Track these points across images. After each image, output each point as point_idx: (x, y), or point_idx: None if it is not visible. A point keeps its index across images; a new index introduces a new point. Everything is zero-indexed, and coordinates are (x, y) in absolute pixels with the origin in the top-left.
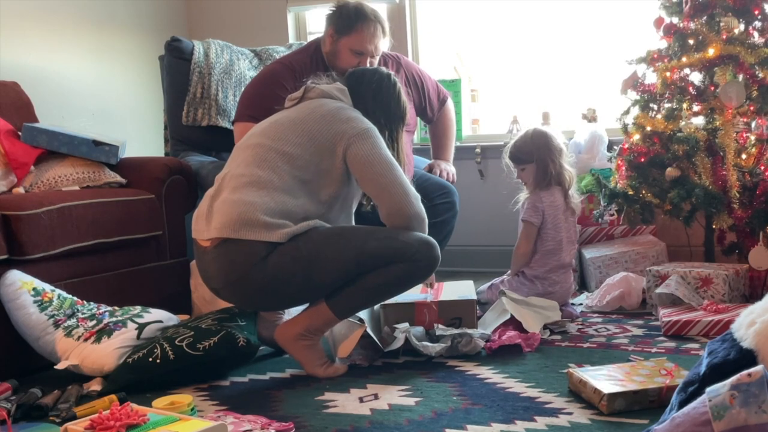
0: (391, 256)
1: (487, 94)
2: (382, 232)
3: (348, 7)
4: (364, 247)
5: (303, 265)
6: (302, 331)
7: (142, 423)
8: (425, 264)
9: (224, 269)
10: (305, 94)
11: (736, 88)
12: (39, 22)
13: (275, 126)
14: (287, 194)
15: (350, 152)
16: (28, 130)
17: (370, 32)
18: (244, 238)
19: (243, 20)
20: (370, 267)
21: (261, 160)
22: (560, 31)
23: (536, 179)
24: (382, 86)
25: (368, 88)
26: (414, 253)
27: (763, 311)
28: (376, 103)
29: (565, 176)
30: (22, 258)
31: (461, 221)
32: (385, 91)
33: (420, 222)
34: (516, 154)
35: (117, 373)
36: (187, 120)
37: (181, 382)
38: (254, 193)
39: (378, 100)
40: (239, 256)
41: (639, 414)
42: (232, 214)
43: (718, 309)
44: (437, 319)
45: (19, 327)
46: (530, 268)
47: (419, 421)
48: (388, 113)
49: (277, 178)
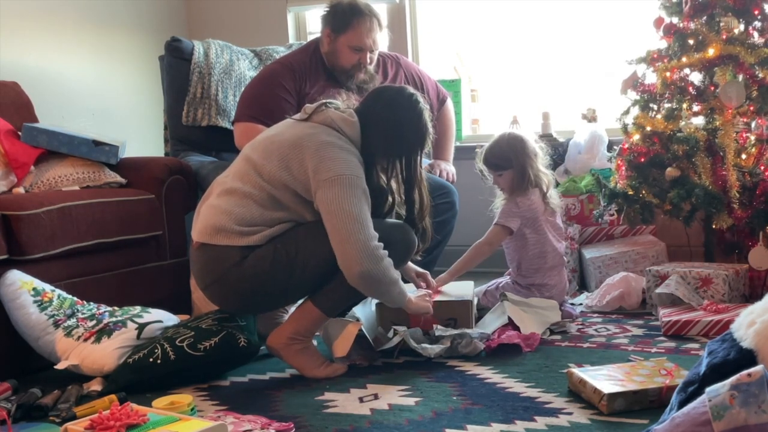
0: None
1: (487, 94)
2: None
3: (342, 5)
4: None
5: (282, 265)
6: (292, 335)
7: (142, 423)
8: (401, 247)
9: (201, 272)
10: (313, 113)
11: (736, 88)
12: (39, 22)
13: (269, 143)
14: (264, 208)
15: (317, 196)
16: (28, 130)
17: (366, 27)
18: (217, 243)
19: (243, 20)
20: None
21: (245, 173)
22: (560, 31)
23: (514, 184)
24: (398, 114)
25: (382, 118)
26: (388, 238)
27: (763, 311)
28: (387, 134)
29: (542, 179)
30: (22, 258)
31: (461, 221)
32: (400, 120)
33: (369, 283)
34: (492, 160)
35: (117, 374)
36: (187, 120)
37: (181, 382)
38: (233, 202)
39: (390, 131)
40: (211, 260)
41: (639, 414)
42: (209, 220)
43: (718, 309)
44: (433, 319)
45: (19, 327)
46: (523, 277)
47: (419, 421)
48: (401, 142)
49: (257, 192)
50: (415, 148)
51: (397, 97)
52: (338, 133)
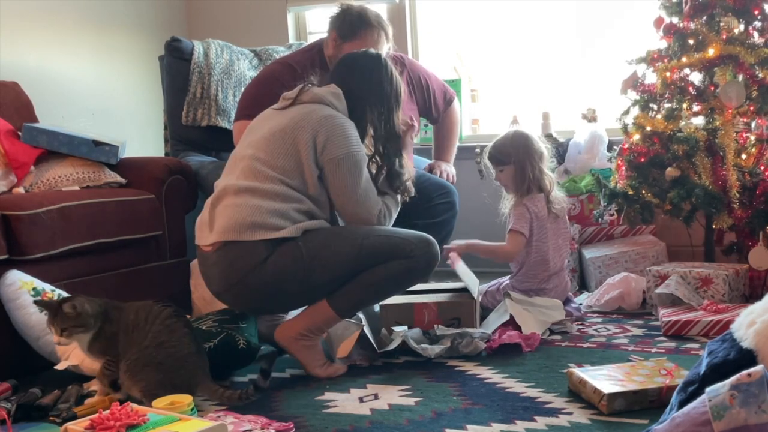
0: (389, 253)
1: (487, 94)
2: (381, 230)
3: (352, 13)
4: (363, 243)
5: (303, 265)
6: (303, 331)
7: (142, 423)
8: (423, 261)
9: (225, 271)
10: (299, 96)
11: (736, 88)
12: (39, 22)
13: (266, 140)
14: (286, 201)
15: (325, 170)
16: (28, 130)
17: (373, 39)
18: (248, 239)
19: (243, 20)
20: (370, 264)
21: (257, 171)
22: (560, 31)
23: (515, 181)
24: (373, 72)
25: (359, 79)
26: (412, 249)
27: (763, 311)
28: (368, 91)
29: (545, 181)
30: (22, 258)
31: (461, 221)
32: (376, 76)
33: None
34: (495, 154)
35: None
36: (186, 120)
37: None
38: (258, 197)
39: (368, 88)
40: (239, 258)
41: (639, 414)
42: (238, 216)
43: (718, 309)
44: (436, 320)
45: (19, 327)
46: (521, 282)
47: (419, 421)
48: (380, 96)
49: (277, 187)
50: (392, 103)
51: (363, 61)
52: (331, 108)
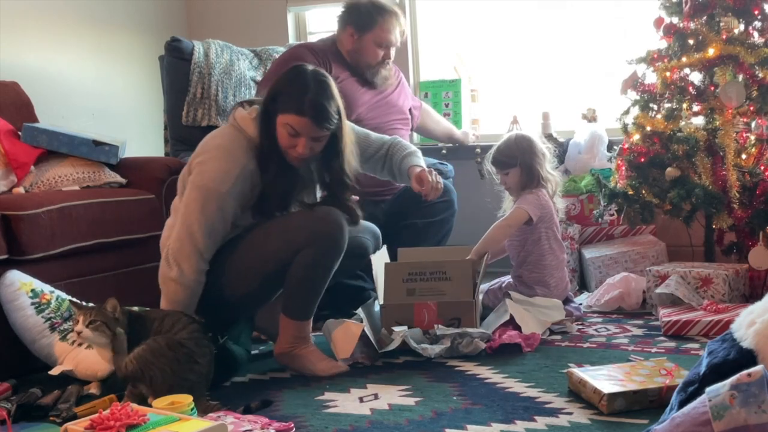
0: (291, 249)
1: (487, 94)
2: (275, 228)
3: (363, 5)
4: (266, 252)
5: (228, 283)
6: (289, 345)
7: (142, 423)
8: (326, 238)
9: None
10: (230, 114)
11: (736, 88)
12: (39, 22)
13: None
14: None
15: (186, 189)
16: (28, 130)
17: (392, 24)
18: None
19: (243, 20)
20: (284, 264)
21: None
22: (560, 31)
23: (522, 182)
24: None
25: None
26: (309, 235)
27: (763, 311)
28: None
29: (550, 181)
30: (22, 258)
31: (461, 221)
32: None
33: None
34: (499, 158)
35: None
36: (187, 120)
37: None
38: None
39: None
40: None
41: (639, 414)
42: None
43: (718, 309)
44: (436, 320)
45: (17, 328)
46: (529, 271)
47: (419, 421)
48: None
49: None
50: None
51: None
52: (240, 133)
